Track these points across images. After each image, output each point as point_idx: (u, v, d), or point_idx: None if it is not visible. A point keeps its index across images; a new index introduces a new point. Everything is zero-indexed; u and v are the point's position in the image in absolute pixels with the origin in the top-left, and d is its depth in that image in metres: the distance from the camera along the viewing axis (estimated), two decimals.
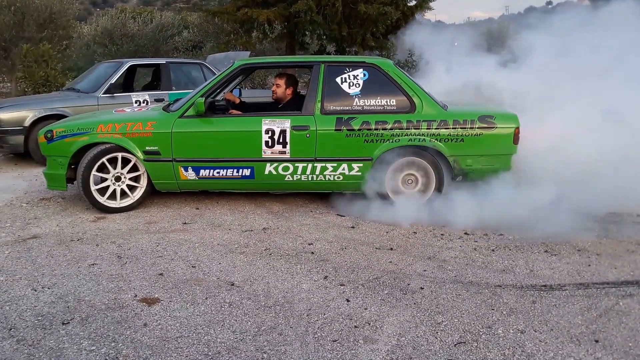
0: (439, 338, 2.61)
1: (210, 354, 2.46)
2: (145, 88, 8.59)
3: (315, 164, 4.54)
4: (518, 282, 3.25)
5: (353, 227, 4.30)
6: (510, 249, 3.80)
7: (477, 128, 4.48)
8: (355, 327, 2.71)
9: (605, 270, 3.42)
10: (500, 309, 2.90)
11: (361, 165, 4.54)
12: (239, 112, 4.86)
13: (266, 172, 4.56)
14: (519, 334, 2.64)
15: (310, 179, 4.59)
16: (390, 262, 3.58)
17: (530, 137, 4.57)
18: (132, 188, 4.68)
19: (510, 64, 5.79)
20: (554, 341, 2.57)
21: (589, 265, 3.51)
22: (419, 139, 4.50)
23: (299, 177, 4.57)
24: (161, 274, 3.34)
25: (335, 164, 4.54)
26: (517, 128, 4.49)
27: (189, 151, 4.54)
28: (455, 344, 2.55)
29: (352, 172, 4.56)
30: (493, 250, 3.80)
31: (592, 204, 4.31)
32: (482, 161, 4.51)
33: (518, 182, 4.41)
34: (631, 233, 4.11)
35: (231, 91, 5.34)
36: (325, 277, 3.31)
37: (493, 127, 4.48)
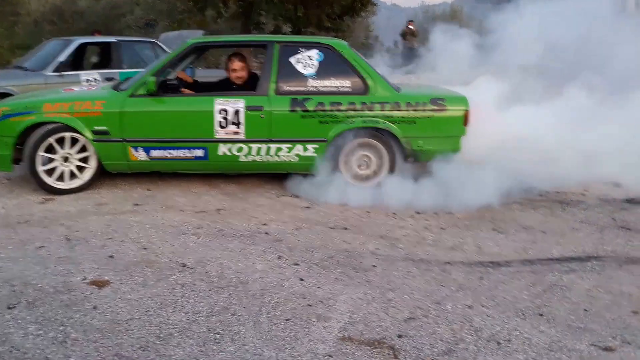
0: (390, 314, 2.67)
1: (162, 335, 2.45)
2: (96, 67, 8.32)
3: (270, 145, 4.52)
4: (466, 259, 3.35)
5: (308, 208, 4.32)
6: (459, 227, 3.92)
7: (429, 110, 4.55)
8: (309, 305, 2.74)
9: (550, 247, 3.57)
10: (449, 285, 2.99)
11: (316, 146, 4.55)
12: (191, 92, 4.77)
13: (220, 152, 4.51)
14: (467, 309, 2.73)
15: (265, 159, 4.57)
16: (344, 241, 3.63)
17: (480, 118, 4.68)
18: (81, 169, 4.54)
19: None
20: (501, 315, 2.68)
21: (535, 242, 3.65)
22: (373, 120, 4.54)
23: (253, 158, 4.55)
24: (111, 256, 3.28)
25: (290, 145, 4.54)
26: (467, 110, 4.58)
27: (139, 131, 4.44)
28: (406, 320, 2.62)
29: (307, 153, 4.57)
30: (443, 228, 3.90)
31: (540, 183, 4.47)
32: (433, 142, 4.59)
33: (468, 162, 4.52)
34: (575, 211, 4.28)
35: (184, 70, 5.23)
36: (280, 257, 3.33)
37: (444, 110, 4.57)
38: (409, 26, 16.25)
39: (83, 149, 4.50)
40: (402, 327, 2.56)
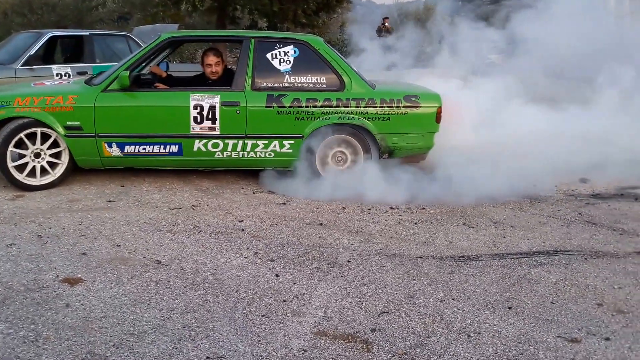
0: (363, 308, 2.71)
1: (135, 333, 2.44)
2: (67, 60, 8.18)
3: (246, 141, 4.52)
4: (438, 254, 3.41)
5: (284, 204, 4.34)
6: (431, 222, 3.98)
7: (403, 107, 4.60)
8: (284, 301, 2.76)
9: (518, 242, 3.65)
10: (421, 279, 3.04)
11: (292, 142, 4.57)
12: (166, 87, 4.74)
13: (195, 148, 4.49)
14: (438, 303, 2.79)
15: (240, 155, 4.56)
16: (320, 237, 3.66)
17: (453, 115, 4.77)
18: (52, 165, 4.48)
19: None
20: (471, 309, 2.74)
21: (504, 236, 3.73)
22: (349, 117, 4.57)
23: (229, 154, 4.54)
24: (84, 254, 3.25)
25: (266, 141, 4.54)
26: (440, 107, 4.65)
27: (112, 126, 4.39)
28: (379, 314, 2.66)
29: (283, 150, 4.58)
30: (416, 223, 3.96)
31: (510, 180, 4.57)
32: (407, 139, 4.65)
33: (441, 159, 4.60)
34: (543, 206, 4.39)
35: (158, 64, 5.19)
36: (256, 254, 3.34)
37: (417, 106, 4.62)
38: (384, 23, 16.34)
39: (55, 144, 4.44)
40: (376, 321, 2.60)
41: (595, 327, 2.59)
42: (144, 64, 4.80)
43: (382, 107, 4.58)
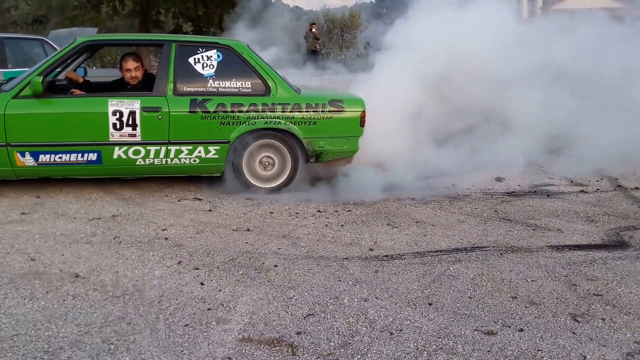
0: (290, 312, 2.72)
1: (51, 350, 2.33)
2: None
3: (169, 147, 4.42)
4: (363, 254, 3.48)
5: (210, 211, 4.28)
6: (357, 224, 4.05)
7: (328, 111, 4.67)
8: (209, 309, 2.72)
9: (439, 239, 3.78)
10: (346, 280, 3.09)
11: (218, 148, 4.52)
12: (83, 92, 4.56)
13: (115, 156, 4.35)
14: (362, 302, 2.84)
15: (164, 162, 4.46)
16: (247, 242, 3.63)
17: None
18: None
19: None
20: (393, 307, 2.80)
21: (425, 235, 3.86)
22: (275, 121, 4.58)
23: (151, 161, 4.43)
24: None
25: (190, 147, 4.47)
26: (364, 112, 4.76)
27: (25, 135, 4.18)
28: (305, 317, 2.68)
29: (209, 155, 4.52)
30: (342, 225, 4.02)
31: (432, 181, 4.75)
32: (333, 143, 4.73)
33: (364, 161, 4.72)
34: (462, 205, 4.57)
35: (75, 70, 4.98)
36: (179, 263, 3.27)
37: (342, 111, 4.70)
38: (312, 29, 16.50)
39: None
40: (301, 323, 2.61)
41: (510, 319, 2.70)
42: (59, 69, 4.61)
43: (307, 111, 4.62)
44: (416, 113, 5.30)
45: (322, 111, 4.65)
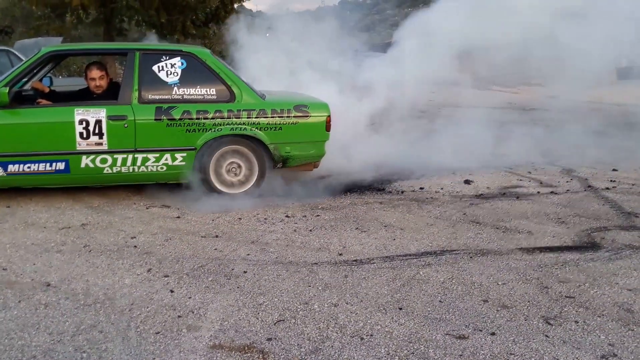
0: (260, 318, 2.76)
1: (24, 359, 2.33)
2: None
3: (136, 155, 4.42)
4: (332, 259, 3.53)
5: (178, 218, 4.28)
6: (326, 229, 4.11)
7: (293, 117, 4.73)
8: (179, 316, 2.75)
9: (408, 243, 3.82)
10: (316, 285, 3.14)
11: (184, 155, 4.53)
12: (49, 102, 4.51)
13: (82, 165, 4.32)
14: (332, 307, 2.87)
15: (131, 170, 4.45)
16: (216, 249, 3.66)
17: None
18: None
19: None
20: (364, 311, 2.83)
21: (394, 239, 3.91)
22: (240, 127, 4.61)
23: (118, 169, 4.41)
24: None
25: (157, 155, 4.47)
26: (329, 116, 4.83)
27: None
28: (275, 323, 2.72)
29: (176, 162, 4.53)
30: (311, 230, 4.07)
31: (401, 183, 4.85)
32: (300, 148, 4.78)
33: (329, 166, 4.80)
34: (430, 208, 4.65)
35: (40, 80, 4.92)
36: (149, 270, 3.28)
37: (307, 116, 4.77)
38: None
39: None
40: (272, 329, 2.65)
41: (482, 323, 2.71)
42: (24, 79, 4.56)
43: (273, 117, 4.67)
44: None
45: (287, 116, 4.71)
